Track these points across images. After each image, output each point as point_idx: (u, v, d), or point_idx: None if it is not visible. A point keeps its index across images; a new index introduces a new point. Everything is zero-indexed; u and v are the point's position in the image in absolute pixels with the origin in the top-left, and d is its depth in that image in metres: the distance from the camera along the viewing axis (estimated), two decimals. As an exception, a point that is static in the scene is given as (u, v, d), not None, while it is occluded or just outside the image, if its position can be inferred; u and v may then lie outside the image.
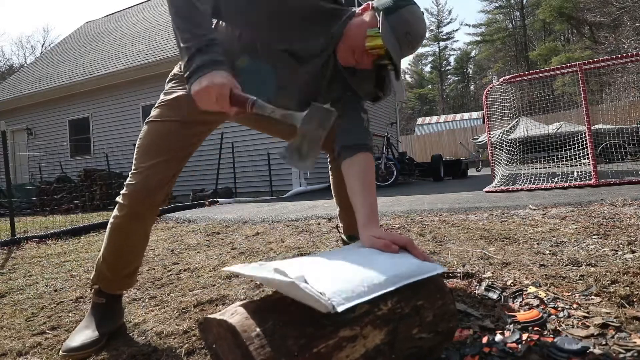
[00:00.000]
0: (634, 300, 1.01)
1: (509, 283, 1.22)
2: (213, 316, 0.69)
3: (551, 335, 0.87)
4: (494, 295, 1.14)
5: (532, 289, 1.13)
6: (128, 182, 1.09)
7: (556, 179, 4.50)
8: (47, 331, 1.24)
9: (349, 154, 1.10)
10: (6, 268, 2.33)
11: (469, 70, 41.52)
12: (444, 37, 40.01)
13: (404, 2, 0.99)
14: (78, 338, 1.06)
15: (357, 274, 0.71)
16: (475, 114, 20.68)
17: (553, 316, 0.97)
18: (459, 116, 21.73)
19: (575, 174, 4.47)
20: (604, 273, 1.20)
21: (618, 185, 3.80)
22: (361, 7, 1.06)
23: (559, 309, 1.00)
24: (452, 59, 41.30)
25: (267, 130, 1.40)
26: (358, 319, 0.66)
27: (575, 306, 1.01)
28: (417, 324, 0.73)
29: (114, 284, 1.17)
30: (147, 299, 1.48)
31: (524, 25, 33.87)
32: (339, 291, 0.63)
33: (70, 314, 1.39)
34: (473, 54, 40.45)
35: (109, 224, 1.13)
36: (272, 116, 0.90)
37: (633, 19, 19.03)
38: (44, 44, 35.29)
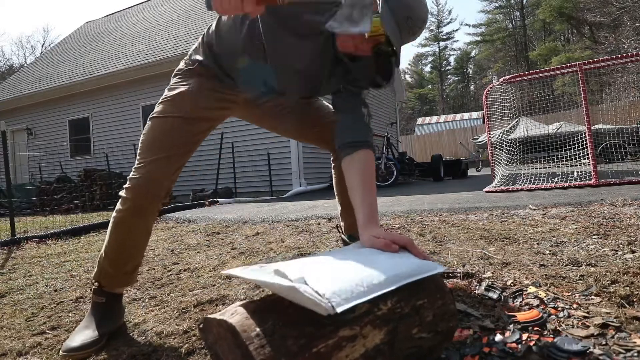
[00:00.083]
0: (634, 300, 1.01)
1: (509, 283, 1.22)
2: (213, 316, 0.69)
3: (551, 335, 0.87)
4: (494, 295, 1.14)
5: (532, 289, 1.13)
6: (131, 176, 1.11)
7: (556, 179, 4.50)
8: (47, 331, 1.24)
9: (349, 151, 1.09)
10: (6, 268, 2.33)
11: (469, 70, 41.54)
12: (444, 37, 40.05)
13: None
14: (78, 338, 1.06)
15: (356, 274, 0.70)
16: (475, 114, 20.68)
17: (553, 316, 0.97)
18: (459, 116, 21.73)
19: (575, 174, 4.46)
20: (604, 273, 1.20)
21: (618, 185, 3.80)
22: None
23: (559, 309, 1.00)
24: (452, 59, 41.40)
25: (271, 126, 1.39)
26: (358, 319, 0.66)
27: (575, 306, 1.01)
28: (417, 324, 0.73)
29: (115, 280, 1.17)
30: (147, 299, 1.48)
31: (524, 25, 33.88)
32: (338, 291, 0.63)
33: (70, 314, 1.39)
34: (473, 54, 40.50)
35: (111, 219, 1.14)
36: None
37: (633, 19, 19.02)
38: (44, 44, 35.36)
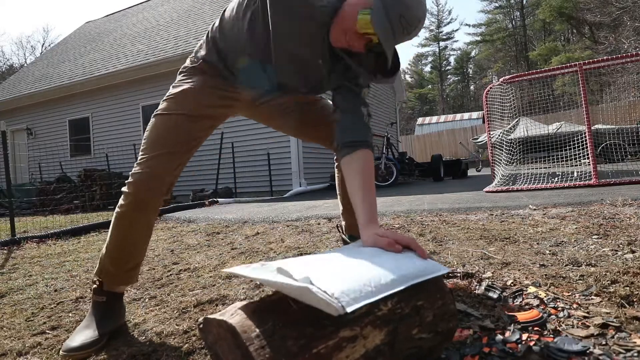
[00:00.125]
0: (634, 300, 1.01)
1: (509, 283, 1.22)
2: (213, 316, 0.69)
3: (551, 335, 0.87)
4: (494, 295, 1.14)
5: (532, 289, 1.13)
6: (133, 171, 1.11)
7: (556, 179, 4.50)
8: (47, 331, 1.24)
9: (348, 151, 1.08)
10: (6, 268, 2.33)
11: (469, 70, 41.55)
12: (444, 37, 40.07)
13: None
14: (78, 338, 1.06)
15: (363, 273, 0.70)
16: (475, 114, 20.68)
17: (553, 316, 0.97)
18: (459, 116, 21.73)
19: (575, 174, 4.46)
20: (604, 273, 1.20)
21: (618, 185, 3.80)
22: None
23: (559, 309, 1.00)
24: (452, 59, 41.42)
25: (276, 125, 1.39)
26: (358, 319, 0.65)
27: (575, 306, 1.01)
28: (417, 324, 0.73)
29: (116, 278, 1.17)
30: (147, 299, 1.48)
31: (524, 25, 33.88)
32: (347, 291, 0.62)
33: (70, 314, 1.39)
34: (473, 54, 40.52)
35: (113, 214, 1.14)
36: None
37: (633, 19, 19.02)
38: (44, 44, 35.39)
